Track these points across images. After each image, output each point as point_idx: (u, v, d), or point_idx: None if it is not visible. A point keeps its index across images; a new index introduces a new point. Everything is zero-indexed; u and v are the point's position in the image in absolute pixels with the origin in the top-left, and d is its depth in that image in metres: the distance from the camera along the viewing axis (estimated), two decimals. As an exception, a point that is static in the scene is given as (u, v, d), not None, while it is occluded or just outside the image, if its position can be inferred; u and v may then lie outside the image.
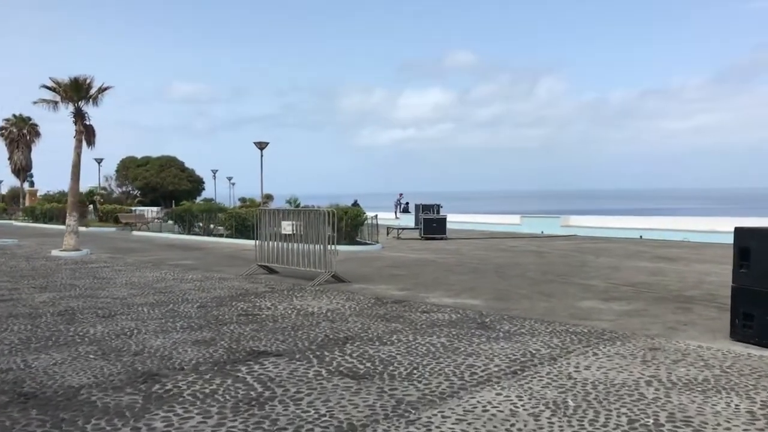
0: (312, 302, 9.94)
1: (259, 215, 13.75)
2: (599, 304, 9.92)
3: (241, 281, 12.56)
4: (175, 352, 6.68)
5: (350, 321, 8.42)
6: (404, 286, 11.96)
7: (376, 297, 10.51)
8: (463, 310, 9.25)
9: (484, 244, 23.24)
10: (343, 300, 10.18)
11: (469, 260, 17.18)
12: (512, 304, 9.94)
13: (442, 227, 26.60)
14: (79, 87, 18.22)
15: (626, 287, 11.82)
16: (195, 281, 12.55)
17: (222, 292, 11.12)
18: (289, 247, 12.95)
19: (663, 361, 6.34)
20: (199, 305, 9.68)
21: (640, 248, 21.21)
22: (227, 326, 8.07)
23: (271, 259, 13.45)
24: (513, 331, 7.80)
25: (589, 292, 11.25)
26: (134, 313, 9.02)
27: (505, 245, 22.93)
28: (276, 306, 9.60)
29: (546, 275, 13.70)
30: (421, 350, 6.77)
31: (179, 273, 13.99)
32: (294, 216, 12.93)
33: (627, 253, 19.23)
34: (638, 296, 10.76)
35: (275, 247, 13.30)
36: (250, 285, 11.99)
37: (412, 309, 9.37)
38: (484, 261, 16.96)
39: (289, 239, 12.93)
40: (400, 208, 44.82)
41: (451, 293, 11.01)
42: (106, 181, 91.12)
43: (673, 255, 18.63)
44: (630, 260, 17.12)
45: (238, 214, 23.99)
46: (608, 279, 13.05)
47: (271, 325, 8.16)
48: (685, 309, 9.50)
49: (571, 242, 24.34)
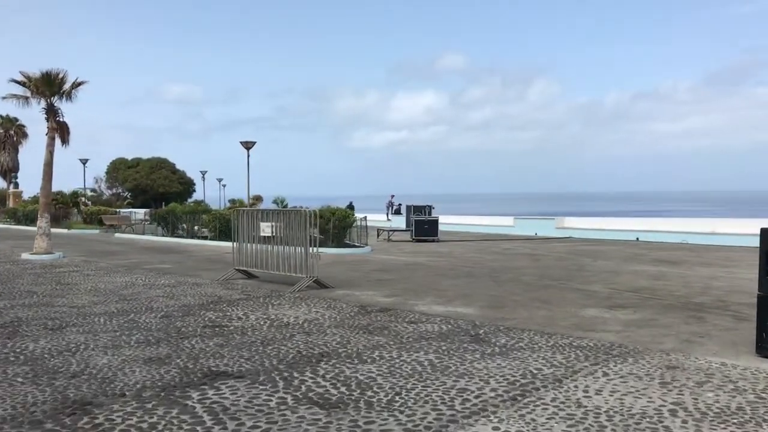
0: (288, 311, 9.04)
1: (237, 216, 12.83)
2: (603, 313, 9.07)
3: (215, 287, 11.65)
4: (121, 373, 5.77)
5: (328, 334, 7.53)
6: (392, 292, 11.08)
7: (361, 305, 9.63)
8: (455, 320, 8.38)
9: (477, 247, 22.39)
10: (323, 308, 9.29)
11: (461, 264, 16.32)
12: (508, 312, 9.08)
13: (433, 229, 25.73)
14: (51, 81, 17.24)
15: (629, 293, 10.98)
16: (166, 287, 11.62)
17: (192, 299, 10.20)
18: (268, 251, 12.05)
19: (685, 383, 5.49)
20: (163, 315, 8.76)
21: (638, 251, 20.41)
22: (188, 340, 7.16)
23: (249, 263, 12.54)
24: (510, 345, 6.93)
25: (590, 298, 10.41)
26: (88, 324, 8.10)
27: (498, 248, 22.09)
28: (248, 316, 8.69)
29: (543, 280, 12.85)
30: (405, 370, 5.88)
31: (151, 278, 13.06)
32: (273, 217, 12.03)
33: (625, 256, 18.42)
34: (644, 303, 9.92)
35: (254, 251, 12.39)
36: (224, 291, 11.08)
37: (398, 319, 8.48)
38: (477, 264, 16.10)
39: (268, 242, 12.03)
40: (392, 209, 43.96)
41: (442, 300, 10.14)
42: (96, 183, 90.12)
43: (674, 258, 17.83)
44: (629, 263, 16.30)
45: (222, 216, 23.02)
46: (609, 284, 12.21)
47: (239, 338, 7.26)
48: (698, 318, 8.66)
49: (567, 244, 23.52)
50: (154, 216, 27.41)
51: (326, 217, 20.12)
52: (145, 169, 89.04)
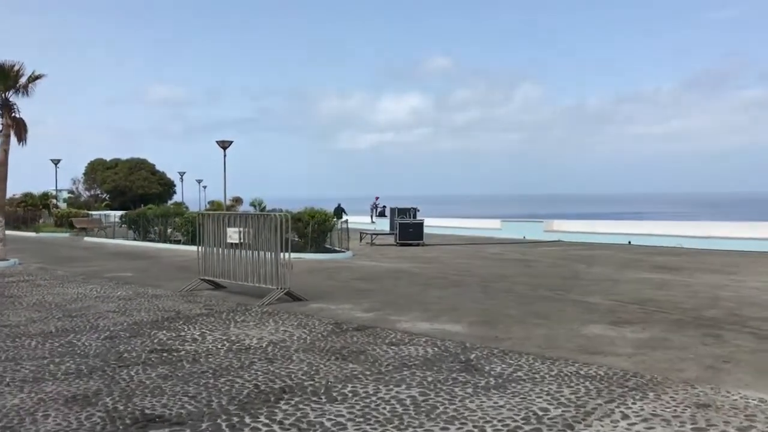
0: (252, 331, 7.93)
1: (202, 221, 11.70)
2: (608, 330, 8.06)
3: (176, 300, 10.51)
4: (29, 419, 4.65)
5: (294, 360, 6.44)
6: (372, 305, 10.01)
7: (336, 322, 8.54)
8: (442, 341, 7.32)
9: (465, 251, 21.39)
10: (293, 326, 8.19)
11: (448, 271, 15.29)
12: (502, 330, 8.04)
13: (418, 232, 24.69)
14: (5, 75, 15.98)
15: (633, 306, 10.00)
16: (120, 300, 10.46)
17: (146, 315, 9.06)
18: (236, 259, 10.93)
19: (724, 429, 4.47)
20: (108, 335, 7.62)
21: (633, 256, 19.51)
22: (128, 370, 6.04)
23: (215, 272, 11.41)
24: (508, 374, 5.89)
25: (591, 312, 9.41)
26: (14, 349, 6.94)
27: (486, 252, 21.10)
28: (205, 336, 7.58)
29: (537, 290, 11.85)
30: (382, 412, 4.81)
31: (108, 289, 11.88)
32: (241, 222, 10.92)
33: (621, 262, 17.49)
34: (651, 318, 8.93)
35: (221, 259, 11.27)
36: (184, 305, 9.95)
37: (377, 339, 7.42)
38: (465, 272, 15.07)
39: (236, 249, 10.91)
40: (376, 211, 42.87)
41: (427, 315, 9.08)
42: (74, 184, 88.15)
43: (672, 264, 16.93)
44: (627, 270, 15.36)
45: (195, 219, 21.78)
46: (610, 294, 11.23)
47: (188, 367, 6.16)
48: (715, 337, 7.68)
49: (557, 249, 22.60)
50: (124, 219, 26.07)
51: (305, 221, 19.01)
52: (124, 170, 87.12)
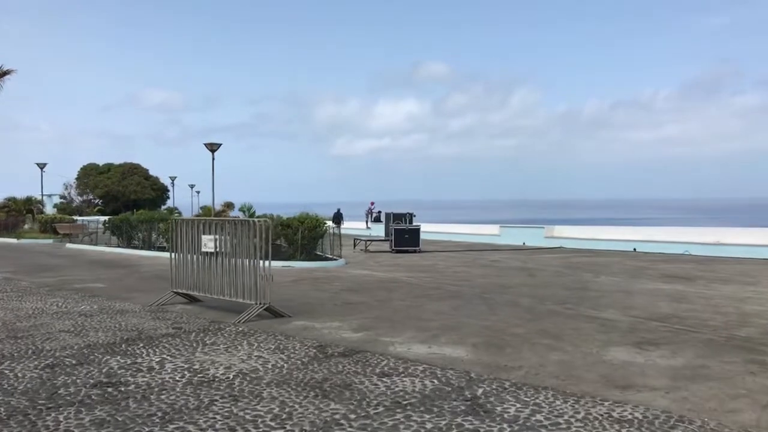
0: (221, 356, 6.81)
1: (175, 227, 10.58)
2: (634, 355, 6.98)
3: (143, 316, 9.38)
4: None
5: (265, 397, 5.32)
6: (362, 322, 8.90)
7: (320, 344, 7.43)
8: (443, 370, 6.22)
9: (463, 259, 20.30)
10: (268, 351, 7.08)
11: (446, 280, 14.19)
12: (512, 355, 6.95)
13: (415, 239, 23.61)
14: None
15: (655, 323, 8.92)
16: (80, 317, 9.32)
17: (104, 335, 7.93)
18: (212, 270, 9.82)
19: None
20: (50, 363, 6.49)
21: (641, 264, 18.46)
22: (57, 413, 4.91)
23: (189, 284, 10.29)
24: (524, 418, 4.79)
25: (609, 330, 8.33)
26: (-70, 382, 5.81)
27: (486, 259, 20.02)
28: (164, 364, 6.46)
29: (545, 303, 10.77)
30: (368, 479, 3.71)
31: (71, 303, 10.74)
32: (218, 228, 9.80)
33: (629, 271, 16.43)
34: (678, 338, 7.85)
35: (195, 269, 10.15)
36: (151, 323, 8.81)
37: (366, 368, 6.31)
38: (464, 281, 13.98)
39: (212, 259, 9.79)
40: (371, 217, 41.80)
41: (425, 335, 7.98)
42: (66, 189, 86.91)
43: (685, 273, 15.87)
44: (637, 280, 14.29)
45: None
46: (625, 308, 10.15)
47: (133, 408, 5.03)
48: (760, 364, 6.59)
49: (559, 256, 21.53)
50: (107, 225, 24.88)
51: (294, 227, 17.90)
52: (117, 175, 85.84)
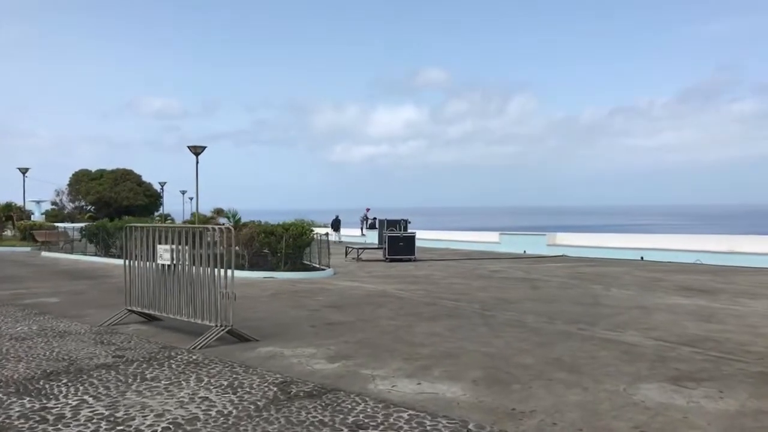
0: (156, 398, 5.42)
1: (129, 234, 9.22)
2: (671, 394, 5.62)
3: (85, 340, 7.99)
4: None
5: (192, 467, 3.96)
6: (341, 348, 7.53)
7: (284, 379, 6.06)
8: (433, 419, 4.86)
9: (461, 269, 18.93)
10: (219, 390, 5.70)
11: (442, 294, 12.83)
12: (520, 394, 5.59)
13: (410, 247, 22.26)
14: None
15: (686, 348, 7.57)
16: (10, 341, 7.91)
17: (24, 367, 6.54)
18: (168, 285, 8.45)
19: None
20: (-64, 409, 5.12)
21: (651, 274, 17.12)
22: None
23: (144, 301, 8.92)
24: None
25: (634, 359, 6.97)
26: None
27: (485, 269, 18.66)
28: (79, 410, 5.07)
29: (554, 322, 9.41)
30: None
31: (9, 322, 9.32)
32: (176, 236, 8.43)
33: (641, 282, 15.09)
34: (721, 370, 6.50)
35: (151, 284, 8.78)
36: (90, 349, 7.43)
37: (336, 417, 4.94)
38: (462, 296, 12.62)
39: (169, 272, 8.42)
40: (366, 224, 40.44)
41: (414, 366, 6.61)
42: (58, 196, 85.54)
43: (702, 285, 14.53)
44: (652, 294, 12.95)
45: (157, 232, 19.27)
46: (647, 329, 8.80)
47: (5, 486, 3.67)
48: (834, 408, 5.24)
49: (563, 265, 20.18)
50: (83, 232, 23.48)
51: (278, 234, 16.54)
52: (109, 181, 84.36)
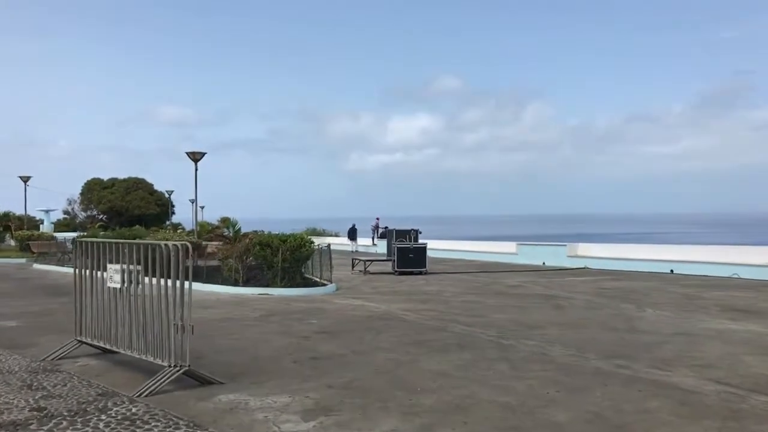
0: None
1: (81, 251, 7.80)
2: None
3: (12, 381, 6.53)
4: None
5: None
6: (322, 396, 6.03)
7: (238, 448, 4.58)
8: None
9: (475, 283, 17.37)
10: (144, 467, 4.23)
11: (454, 315, 11.30)
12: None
13: (420, 259, 20.74)
14: None
15: (759, 396, 5.98)
16: (-77, 382, 6.53)
17: None
18: (119, 313, 7.01)
19: None
20: None
21: (686, 290, 15.46)
22: None
23: (94, 331, 7.48)
24: None
25: (698, 415, 5.40)
26: None
27: (502, 284, 17.09)
28: None
29: (586, 355, 7.85)
30: None
31: (-58, 354, 7.96)
32: (128, 253, 6.99)
33: (676, 301, 13.45)
34: (815, 433, 4.91)
35: (101, 311, 7.35)
36: (11, 396, 5.96)
37: None
38: (476, 317, 11.08)
39: (119, 297, 6.99)
40: (377, 233, 38.95)
41: (411, 426, 5.09)
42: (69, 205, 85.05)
43: (748, 305, 12.86)
44: (694, 316, 11.33)
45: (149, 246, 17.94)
46: (701, 367, 7.21)
47: None
48: None
49: (587, 279, 18.54)
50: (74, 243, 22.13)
51: (274, 246, 15.09)
52: (120, 189, 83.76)
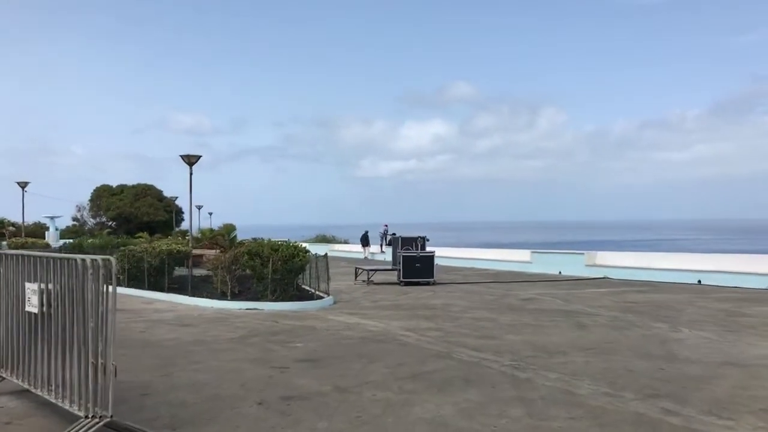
0: None
1: None
2: None
3: None
4: None
5: None
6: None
7: None
8: None
9: (487, 296, 15.87)
10: None
11: (460, 337, 9.83)
12: None
13: (428, 268, 19.27)
14: None
15: None
16: None
17: None
18: (37, 344, 5.62)
19: None
20: None
21: (722, 305, 13.87)
22: None
23: (10, 364, 6.10)
24: None
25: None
26: None
27: (516, 297, 15.58)
28: None
29: (621, 394, 6.35)
30: None
31: None
32: (47, 270, 5.60)
33: (714, 318, 11.89)
34: None
35: (17, 341, 5.96)
36: None
37: None
38: (487, 339, 9.60)
39: (38, 324, 5.60)
40: (386, 240, 37.53)
41: None
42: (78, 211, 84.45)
43: (799, 323, 11.27)
44: (740, 337, 9.78)
45: (132, 254, 16.60)
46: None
47: None
48: None
49: (608, 291, 16.98)
50: (61, 252, 20.99)
51: (264, 256, 13.69)
52: (129, 196, 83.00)
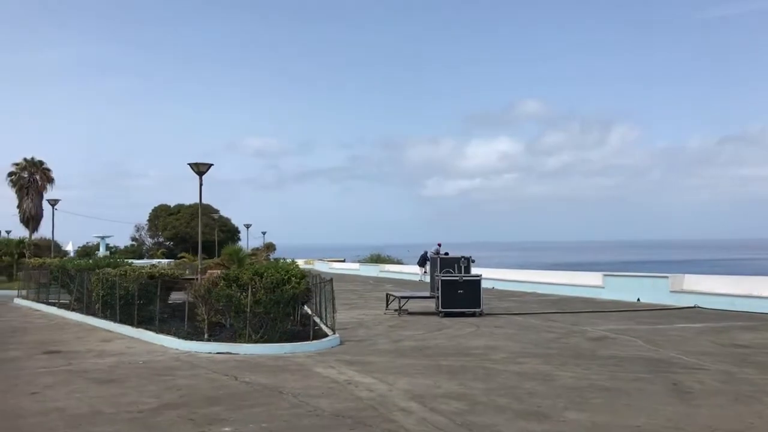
0: None
1: None
2: None
3: None
4: None
5: None
6: None
7: None
8: None
9: (544, 333, 12.13)
10: None
11: (491, 413, 6.26)
12: None
13: (473, 296, 15.62)
14: None
15: None
16: None
17: None
18: None
19: None
20: None
21: None
22: None
23: None
24: None
25: None
26: None
27: (583, 336, 11.79)
28: None
29: None
30: None
31: None
32: None
33: None
34: None
35: None
36: None
37: None
38: (531, 421, 5.98)
39: None
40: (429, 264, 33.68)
41: None
42: (137, 231, 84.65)
43: None
44: None
45: (105, 278, 13.72)
46: None
47: None
48: None
49: (704, 327, 12.91)
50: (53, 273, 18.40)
51: (243, 284, 10.44)
52: (186, 216, 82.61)
